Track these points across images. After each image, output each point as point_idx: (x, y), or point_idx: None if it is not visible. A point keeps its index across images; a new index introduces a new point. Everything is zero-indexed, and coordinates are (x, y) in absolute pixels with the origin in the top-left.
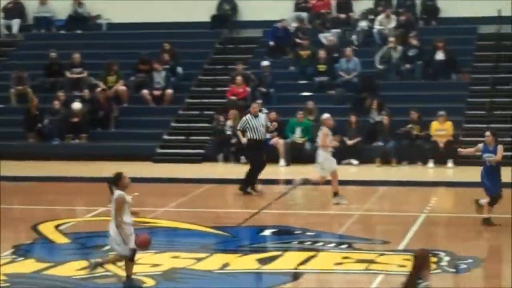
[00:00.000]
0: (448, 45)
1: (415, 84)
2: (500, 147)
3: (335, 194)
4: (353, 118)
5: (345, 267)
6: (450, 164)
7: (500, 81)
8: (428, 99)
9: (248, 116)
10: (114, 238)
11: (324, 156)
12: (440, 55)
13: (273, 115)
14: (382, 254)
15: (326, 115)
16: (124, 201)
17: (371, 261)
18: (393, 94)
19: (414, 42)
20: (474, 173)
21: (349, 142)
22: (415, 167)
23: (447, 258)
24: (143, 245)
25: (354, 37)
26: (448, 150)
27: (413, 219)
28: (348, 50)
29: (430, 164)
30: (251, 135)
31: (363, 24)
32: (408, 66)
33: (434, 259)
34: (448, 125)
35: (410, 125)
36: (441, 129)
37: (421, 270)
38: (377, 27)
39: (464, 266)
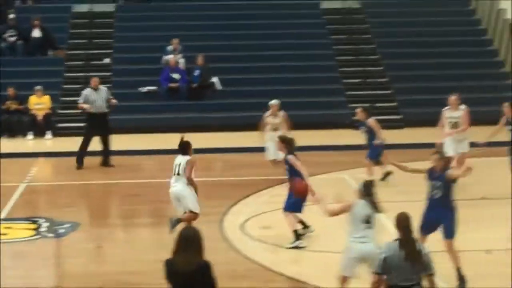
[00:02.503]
0: (44, 23)
1: (13, 60)
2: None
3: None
4: None
5: None
6: (49, 135)
7: (94, 57)
8: (26, 75)
9: (88, 89)
10: (185, 196)
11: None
12: (36, 33)
13: None
14: None
15: None
16: (196, 162)
17: None
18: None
19: (11, 21)
20: (71, 144)
21: None
22: (15, 140)
23: (46, 224)
24: (304, 193)
25: None
26: (47, 122)
27: (13, 189)
28: None
29: (30, 136)
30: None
31: None
32: (7, 43)
33: (33, 226)
34: (46, 99)
35: (9, 101)
36: (39, 103)
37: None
38: None
39: (62, 230)
